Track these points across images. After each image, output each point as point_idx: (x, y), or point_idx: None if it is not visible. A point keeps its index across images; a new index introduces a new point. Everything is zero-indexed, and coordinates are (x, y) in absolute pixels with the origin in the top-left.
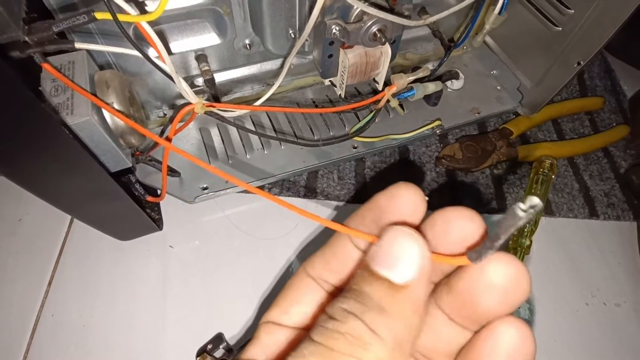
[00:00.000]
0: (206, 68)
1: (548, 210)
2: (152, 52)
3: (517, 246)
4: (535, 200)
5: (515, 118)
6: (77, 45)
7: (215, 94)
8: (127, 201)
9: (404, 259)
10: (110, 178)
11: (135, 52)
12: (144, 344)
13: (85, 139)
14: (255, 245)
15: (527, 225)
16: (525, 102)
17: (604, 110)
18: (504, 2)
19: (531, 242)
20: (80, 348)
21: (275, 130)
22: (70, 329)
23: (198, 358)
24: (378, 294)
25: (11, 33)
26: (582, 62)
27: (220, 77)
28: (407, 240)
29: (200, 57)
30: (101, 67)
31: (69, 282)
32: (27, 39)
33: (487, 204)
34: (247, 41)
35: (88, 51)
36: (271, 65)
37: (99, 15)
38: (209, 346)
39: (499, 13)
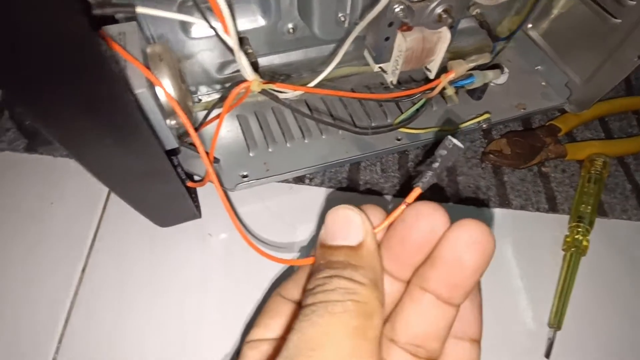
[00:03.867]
0: (250, 51)
1: (601, 211)
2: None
3: (574, 247)
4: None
5: (562, 115)
6: (138, 10)
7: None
8: (177, 184)
9: (352, 227)
10: (165, 156)
11: (200, 20)
12: (181, 333)
13: (145, 111)
14: (295, 237)
15: (583, 224)
16: (574, 99)
17: None
18: None
19: (588, 242)
20: (114, 336)
21: (314, 119)
22: (105, 317)
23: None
24: (344, 257)
25: None
26: None
27: (261, 62)
28: (349, 213)
29: (243, 39)
30: None
31: (104, 269)
32: (95, 0)
33: (537, 202)
34: (290, 25)
35: (138, 23)
36: (314, 52)
37: None
38: None
39: None
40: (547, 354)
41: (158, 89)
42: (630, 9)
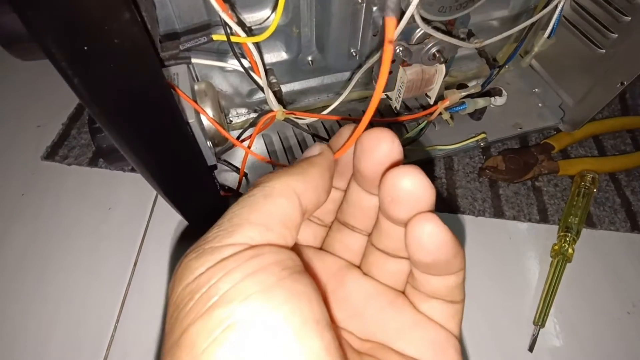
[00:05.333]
0: (274, 81)
1: (589, 222)
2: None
3: (560, 254)
4: None
5: (557, 134)
6: (193, 60)
7: (282, 104)
8: (216, 191)
9: (315, 148)
10: (208, 170)
11: (236, 66)
12: None
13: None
14: None
15: (570, 234)
16: (567, 119)
17: None
18: (553, 26)
19: (573, 250)
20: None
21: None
22: (154, 306)
23: None
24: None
25: (170, 51)
26: (625, 82)
27: (283, 89)
28: (317, 145)
29: (269, 71)
30: None
31: (152, 261)
32: (164, 55)
33: (529, 213)
34: (310, 58)
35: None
36: (329, 79)
37: (215, 37)
38: None
39: (548, 36)
40: (531, 349)
41: (203, 118)
42: (613, 41)
